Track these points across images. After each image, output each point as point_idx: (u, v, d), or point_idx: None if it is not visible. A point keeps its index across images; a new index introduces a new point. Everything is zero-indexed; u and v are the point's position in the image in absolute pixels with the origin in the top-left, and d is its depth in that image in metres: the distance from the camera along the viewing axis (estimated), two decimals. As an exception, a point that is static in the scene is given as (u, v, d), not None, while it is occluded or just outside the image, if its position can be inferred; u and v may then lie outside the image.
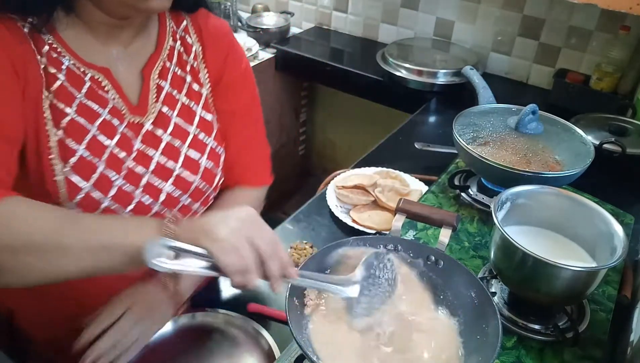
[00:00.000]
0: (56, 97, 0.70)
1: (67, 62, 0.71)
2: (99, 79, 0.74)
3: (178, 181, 0.81)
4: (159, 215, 0.80)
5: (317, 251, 0.73)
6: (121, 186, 0.75)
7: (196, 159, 0.84)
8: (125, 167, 0.76)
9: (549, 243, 0.84)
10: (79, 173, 0.72)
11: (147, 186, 0.78)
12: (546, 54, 1.79)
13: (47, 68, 0.69)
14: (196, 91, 0.85)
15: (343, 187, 1.20)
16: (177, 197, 0.83)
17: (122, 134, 0.76)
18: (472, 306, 0.69)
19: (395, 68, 1.81)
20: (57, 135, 0.70)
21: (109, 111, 0.75)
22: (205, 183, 0.86)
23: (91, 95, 0.73)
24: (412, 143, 1.38)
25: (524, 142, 1.03)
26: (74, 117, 0.72)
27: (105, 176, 0.74)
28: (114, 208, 0.75)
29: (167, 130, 0.81)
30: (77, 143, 0.72)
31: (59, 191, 0.71)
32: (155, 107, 0.80)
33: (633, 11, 1.27)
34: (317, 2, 2.23)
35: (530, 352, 0.79)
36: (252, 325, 0.86)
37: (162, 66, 0.81)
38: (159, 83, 0.80)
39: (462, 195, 1.10)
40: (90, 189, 0.72)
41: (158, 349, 0.83)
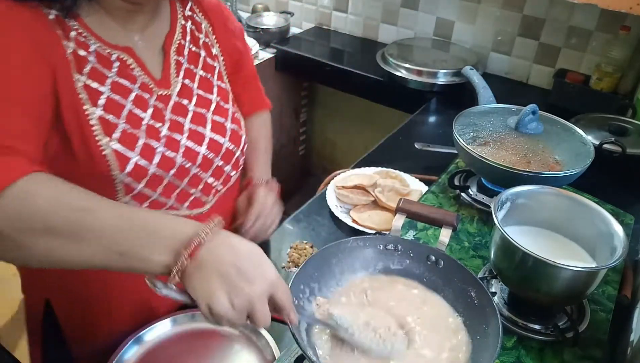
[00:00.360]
0: (89, 78, 0.74)
1: (94, 46, 0.75)
2: (124, 58, 0.78)
3: (211, 144, 0.87)
4: (197, 177, 0.87)
5: (317, 251, 0.73)
6: (163, 152, 0.80)
7: (222, 123, 0.90)
8: (163, 136, 0.81)
9: (549, 243, 0.84)
10: (125, 144, 0.76)
11: (186, 151, 0.83)
12: (546, 54, 1.79)
13: (76, 51, 0.73)
14: (210, 64, 0.92)
15: (343, 187, 1.20)
16: (212, 159, 0.88)
17: (154, 107, 0.81)
18: (472, 307, 0.69)
19: (395, 68, 1.81)
20: (96, 113, 0.74)
21: (139, 86, 0.79)
22: (234, 144, 0.92)
23: (121, 73, 0.77)
24: (412, 143, 1.38)
25: (524, 142, 1.03)
26: (109, 95, 0.76)
27: (148, 145, 0.78)
28: (159, 173, 0.80)
29: (192, 101, 0.86)
30: (116, 117, 0.76)
31: (110, 164, 0.74)
32: (177, 81, 0.85)
33: (633, 11, 1.27)
34: (317, 2, 2.23)
35: (530, 352, 0.79)
36: (252, 325, 0.85)
37: (179, 43, 0.87)
38: (178, 59, 0.86)
39: (462, 195, 1.10)
40: (137, 158, 0.77)
41: (158, 349, 0.83)
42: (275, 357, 0.80)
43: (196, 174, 0.86)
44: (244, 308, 0.57)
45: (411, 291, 0.74)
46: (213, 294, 0.56)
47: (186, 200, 0.87)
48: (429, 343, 0.67)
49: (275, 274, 0.60)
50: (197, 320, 0.87)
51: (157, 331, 0.85)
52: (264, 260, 0.60)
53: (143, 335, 0.84)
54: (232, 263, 0.58)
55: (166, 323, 0.86)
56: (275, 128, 2.27)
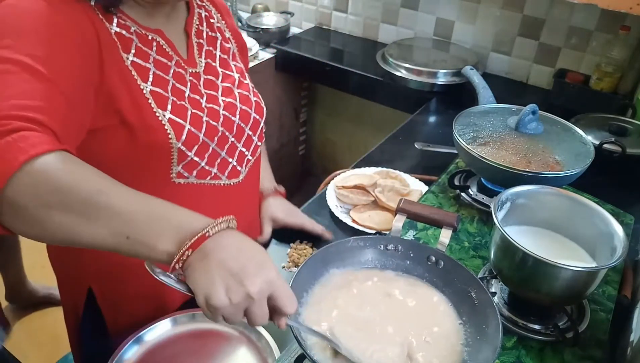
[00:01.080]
0: (136, 55, 0.79)
1: (133, 27, 0.80)
2: (157, 39, 0.83)
3: (242, 114, 0.94)
4: (233, 146, 0.93)
5: (317, 251, 0.73)
6: (208, 121, 0.86)
7: (247, 95, 0.97)
8: (204, 107, 0.86)
9: (549, 243, 0.84)
10: (177, 115, 0.81)
11: (224, 120, 0.89)
12: (546, 54, 1.79)
13: (121, 33, 0.78)
14: (226, 47, 0.98)
15: (343, 187, 1.20)
16: (243, 128, 0.95)
17: (190, 82, 0.86)
18: (472, 307, 0.69)
19: (395, 68, 1.81)
20: (148, 87, 0.79)
21: (174, 64, 0.85)
22: (258, 115, 0.98)
23: (159, 52, 0.83)
24: (412, 143, 1.38)
25: (524, 142, 1.03)
26: (155, 71, 0.81)
27: (195, 115, 0.84)
28: (207, 141, 0.86)
29: (219, 78, 0.93)
30: (165, 91, 0.81)
31: (168, 133, 0.80)
32: (201, 61, 0.91)
33: (633, 11, 1.27)
34: (317, 2, 2.23)
35: (530, 352, 0.79)
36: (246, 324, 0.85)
37: (197, 28, 0.92)
38: (199, 41, 0.92)
39: (462, 195, 1.10)
40: (189, 127, 0.82)
41: (158, 349, 0.83)
42: (275, 357, 0.80)
43: (233, 143, 0.93)
44: (241, 305, 0.57)
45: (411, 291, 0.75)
46: (212, 286, 0.56)
47: (225, 169, 0.93)
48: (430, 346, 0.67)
49: (278, 275, 0.59)
50: (197, 320, 0.88)
51: (157, 331, 0.85)
52: (268, 260, 0.60)
53: (143, 335, 0.84)
54: (235, 258, 0.58)
55: (166, 323, 0.86)
56: (275, 128, 2.29)
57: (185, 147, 0.82)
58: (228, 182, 0.95)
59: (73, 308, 1.01)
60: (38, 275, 2.23)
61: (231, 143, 0.92)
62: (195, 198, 0.89)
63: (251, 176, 1.02)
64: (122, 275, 0.93)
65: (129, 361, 0.81)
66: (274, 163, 1.10)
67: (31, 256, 2.31)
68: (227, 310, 0.57)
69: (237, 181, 0.97)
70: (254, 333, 0.85)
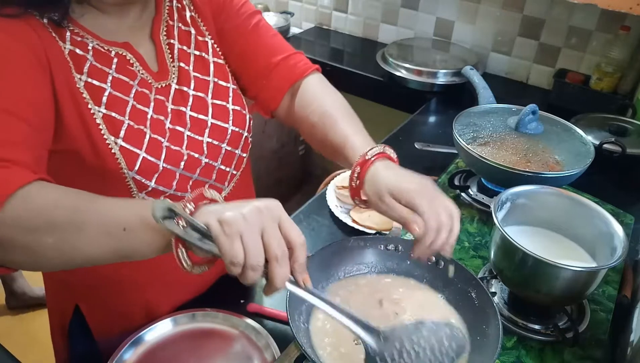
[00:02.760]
0: (89, 76, 0.73)
1: (91, 44, 0.74)
2: (122, 54, 0.77)
3: (213, 132, 0.85)
4: (209, 166, 0.85)
5: (317, 251, 0.73)
6: (169, 146, 0.79)
7: (224, 106, 0.87)
8: (167, 129, 0.79)
9: (549, 243, 0.84)
10: (131, 142, 0.75)
11: (190, 142, 0.82)
12: (546, 54, 1.79)
13: (74, 51, 0.72)
14: (202, 40, 0.88)
15: (343, 187, 1.20)
16: (218, 145, 0.86)
17: (155, 100, 0.79)
18: (472, 307, 0.69)
19: (395, 68, 1.81)
20: (100, 111, 0.73)
21: (138, 83, 0.78)
22: (238, 127, 0.88)
23: (120, 70, 0.77)
24: (412, 143, 1.38)
25: (524, 142, 1.03)
26: (111, 92, 0.75)
27: (154, 140, 0.77)
28: (170, 168, 0.79)
29: (190, 86, 0.84)
30: (120, 115, 0.75)
31: (119, 162, 0.74)
32: (174, 66, 0.83)
33: (633, 11, 1.27)
34: (317, 2, 2.23)
35: (530, 352, 0.79)
36: (252, 325, 0.86)
37: (167, 25, 0.84)
38: (170, 42, 0.84)
39: (462, 195, 1.10)
40: (145, 155, 0.76)
41: (158, 349, 0.83)
42: (275, 357, 0.80)
43: (208, 164, 0.85)
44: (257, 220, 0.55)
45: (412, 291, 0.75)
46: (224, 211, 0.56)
47: None
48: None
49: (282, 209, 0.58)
50: (197, 320, 0.87)
51: (157, 331, 0.85)
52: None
53: (143, 335, 0.84)
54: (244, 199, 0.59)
55: (166, 323, 0.86)
56: (275, 128, 2.29)
57: (141, 176, 0.76)
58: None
59: (59, 319, 0.98)
60: (38, 274, 2.23)
61: (205, 163, 0.84)
62: None
63: (237, 190, 0.93)
64: (110, 290, 0.90)
65: (129, 361, 0.81)
66: (273, 162, 1.08)
67: (31, 256, 2.32)
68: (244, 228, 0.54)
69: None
70: (254, 333, 0.85)
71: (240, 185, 0.93)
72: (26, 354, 1.60)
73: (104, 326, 0.93)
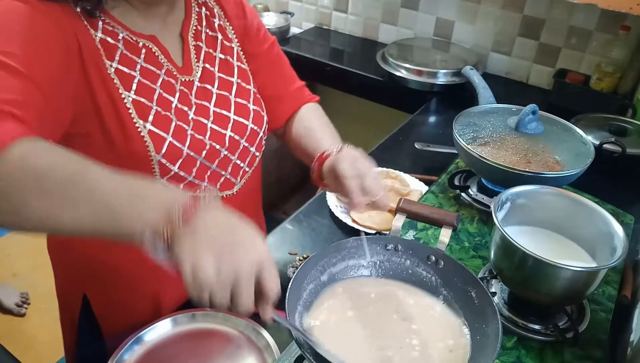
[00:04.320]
0: (120, 63, 0.77)
1: (122, 34, 0.78)
2: (149, 46, 0.81)
3: (235, 127, 0.90)
4: (226, 159, 0.90)
5: (317, 251, 0.73)
6: (193, 135, 0.83)
7: (245, 105, 0.92)
8: (190, 119, 0.83)
9: (549, 243, 0.84)
10: (159, 127, 0.79)
11: (213, 134, 0.86)
12: (546, 54, 1.79)
13: (105, 39, 0.76)
14: (228, 46, 0.94)
15: (343, 187, 1.20)
16: (238, 141, 0.91)
17: (180, 91, 0.84)
18: (472, 307, 0.69)
19: (395, 68, 1.81)
20: (130, 96, 0.77)
21: (164, 72, 0.82)
22: (256, 126, 0.94)
23: (148, 59, 0.81)
24: (412, 142, 1.38)
25: (524, 142, 1.03)
26: (140, 79, 0.79)
27: (180, 127, 0.81)
28: (192, 155, 0.83)
29: (214, 85, 0.89)
30: (149, 101, 0.79)
31: (147, 145, 0.78)
32: (199, 66, 0.88)
33: (633, 11, 1.27)
34: (317, 2, 2.23)
35: (530, 352, 0.79)
36: (252, 325, 0.86)
37: (195, 29, 0.89)
38: (197, 44, 0.89)
39: (462, 195, 1.10)
40: (171, 139, 0.80)
41: (158, 349, 0.83)
42: (275, 357, 0.80)
43: (226, 156, 0.90)
44: (229, 279, 0.54)
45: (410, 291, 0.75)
46: (201, 255, 0.53)
47: (217, 182, 0.91)
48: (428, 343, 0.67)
49: (268, 257, 0.57)
50: (197, 320, 0.88)
51: (157, 331, 0.85)
52: (259, 237, 0.58)
53: (143, 335, 0.84)
54: (227, 229, 0.56)
55: (166, 323, 0.86)
56: (275, 128, 2.28)
57: (167, 160, 0.80)
58: (220, 194, 0.92)
59: (69, 313, 1.01)
60: (38, 275, 2.23)
61: (224, 156, 0.89)
62: None
63: (247, 187, 0.98)
64: (116, 280, 0.92)
65: (129, 361, 0.81)
66: (273, 162, 1.09)
67: (32, 257, 2.31)
68: (215, 283, 0.54)
69: (230, 193, 0.94)
70: (254, 333, 0.85)
71: (250, 182, 0.98)
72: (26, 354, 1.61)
73: (111, 320, 0.96)
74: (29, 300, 2.15)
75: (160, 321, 0.86)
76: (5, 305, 2.09)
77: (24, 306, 2.12)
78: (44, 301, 2.16)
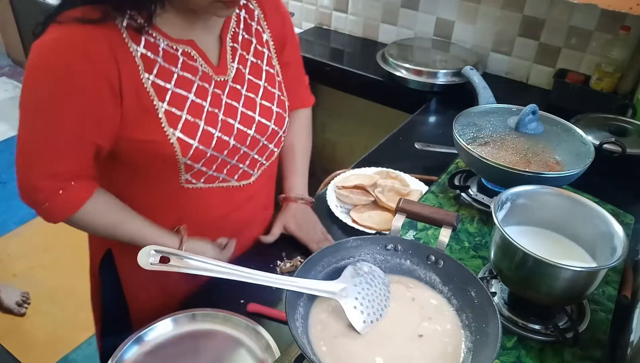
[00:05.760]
0: (157, 77, 0.83)
1: (162, 44, 0.84)
2: (187, 50, 0.87)
3: (258, 127, 0.96)
4: (245, 154, 0.97)
5: (317, 251, 0.73)
6: (219, 137, 0.90)
7: (269, 107, 0.98)
8: (219, 120, 0.90)
9: (549, 243, 0.84)
10: (187, 134, 0.86)
11: (238, 134, 0.93)
12: (546, 54, 1.79)
13: (146, 55, 0.82)
14: (260, 50, 0.99)
15: (343, 187, 1.20)
16: (259, 139, 0.98)
17: (213, 93, 0.90)
18: (472, 306, 0.69)
19: (395, 68, 1.81)
20: (163, 107, 0.84)
21: (199, 77, 0.88)
22: (278, 126, 1.01)
23: (185, 67, 0.86)
24: (412, 143, 1.38)
25: (524, 142, 1.03)
26: (174, 90, 0.85)
27: (207, 131, 0.88)
28: (215, 154, 0.91)
29: (244, 86, 0.95)
30: (180, 110, 0.85)
31: (175, 151, 0.86)
32: (233, 67, 0.93)
33: (633, 11, 1.27)
34: (317, 2, 2.23)
35: (530, 352, 0.79)
36: (252, 325, 0.86)
37: (234, 31, 0.94)
38: (233, 45, 0.94)
39: (462, 195, 1.10)
40: (197, 145, 0.87)
41: (158, 349, 0.83)
42: (275, 356, 0.80)
43: (245, 153, 0.97)
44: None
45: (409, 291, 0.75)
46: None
47: (235, 174, 0.98)
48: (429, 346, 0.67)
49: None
50: (197, 320, 0.88)
51: (157, 331, 0.85)
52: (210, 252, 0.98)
53: (143, 335, 0.84)
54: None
55: (166, 323, 0.86)
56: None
57: (192, 161, 0.88)
58: (238, 184, 0.99)
59: (95, 264, 1.10)
60: (38, 275, 2.23)
61: (243, 152, 0.96)
62: (202, 199, 0.97)
63: (264, 176, 1.05)
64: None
65: (129, 361, 0.81)
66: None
67: (32, 257, 2.31)
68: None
69: (247, 183, 1.01)
70: (253, 334, 0.85)
71: (266, 172, 1.05)
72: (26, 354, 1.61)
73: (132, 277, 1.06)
74: (29, 299, 2.15)
75: (160, 321, 0.86)
76: (6, 304, 2.09)
77: (24, 306, 2.12)
78: (44, 301, 2.16)
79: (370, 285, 0.70)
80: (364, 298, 0.68)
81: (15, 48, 3.84)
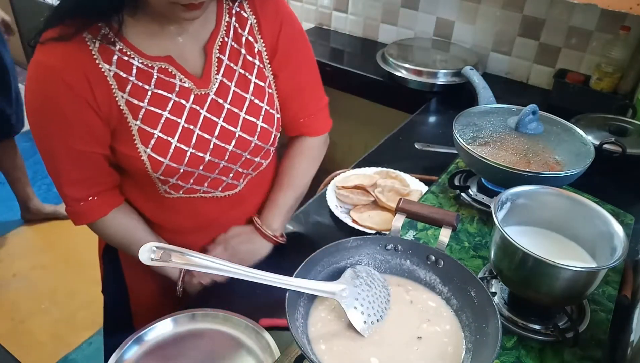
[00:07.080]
0: (130, 95, 0.83)
1: (136, 62, 0.82)
2: (164, 67, 0.85)
3: (239, 143, 0.93)
4: (227, 168, 0.95)
5: (317, 251, 0.73)
6: (193, 153, 0.88)
7: (253, 122, 0.94)
8: (194, 136, 0.88)
9: (549, 243, 0.84)
10: (157, 152, 0.86)
11: (214, 149, 0.91)
12: (546, 54, 1.79)
13: (119, 74, 0.81)
14: (250, 61, 0.93)
15: (343, 187, 1.20)
16: (240, 154, 0.95)
17: (190, 109, 0.87)
18: (472, 306, 0.69)
19: (395, 68, 1.81)
20: (137, 125, 0.84)
21: (176, 94, 0.86)
22: (262, 142, 0.96)
23: (160, 85, 0.85)
24: (412, 143, 1.38)
25: (524, 142, 1.03)
26: (148, 108, 0.84)
27: (179, 148, 0.87)
28: (190, 170, 0.90)
29: (227, 99, 0.91)
30: (153, 128, 0.85)
31: (146, 166, 0.86)
32: (217, 79, 0.90)
33: (633, 11, 1.27)
34: (317, 2, 2.23)
35: (530, 352, 0.79)
36: (252, 325, 0.86)
37: (222, 41, 0.90)
38: (219, 57, 0.90)
39: (462, 195, 1.10)
40: (168, 162, 0.87)
41: (158, 349, 0.83)
42: (275, 357, 0.80)
43: (226, 166, 0.95)
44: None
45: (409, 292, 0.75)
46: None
47: (219, 186, 0.97)
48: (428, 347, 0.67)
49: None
50: (197, 320, 0.88)
51: (157, 331, 0.85)
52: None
53: (143, 335, 0.84)
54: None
55: (166, 323, 0.86)
56: (275, 128, 2.27)
57: (165, 176, 0.89)
58: (222, 194, 0.99)
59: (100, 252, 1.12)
60: (38, 274, 2.23)
61: (223, 166, 0.94)
62: (187, 206, 0.98)
63: (252, 185, 1.03)
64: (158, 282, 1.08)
65: (129, 361, 0.81)
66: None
67: (32, 257, 2.31)
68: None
69: (233, 193, 1.00)
70: (253, 334, 0.85)
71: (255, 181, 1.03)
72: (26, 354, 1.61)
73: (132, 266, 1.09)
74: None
75: (160, 321, 0.86)
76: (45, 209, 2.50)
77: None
78: (44, 301, 2.17)
79: (370, 286, 0.70)
80: (364, 299, 0.68)
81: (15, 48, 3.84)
